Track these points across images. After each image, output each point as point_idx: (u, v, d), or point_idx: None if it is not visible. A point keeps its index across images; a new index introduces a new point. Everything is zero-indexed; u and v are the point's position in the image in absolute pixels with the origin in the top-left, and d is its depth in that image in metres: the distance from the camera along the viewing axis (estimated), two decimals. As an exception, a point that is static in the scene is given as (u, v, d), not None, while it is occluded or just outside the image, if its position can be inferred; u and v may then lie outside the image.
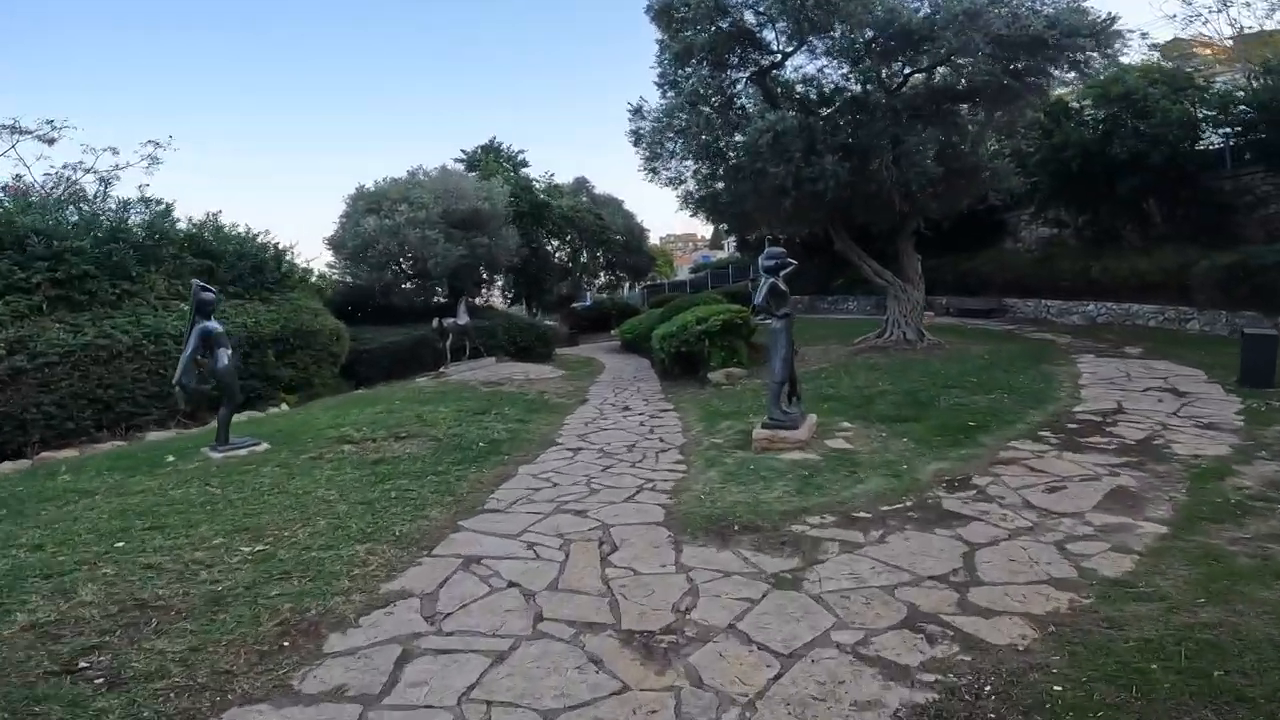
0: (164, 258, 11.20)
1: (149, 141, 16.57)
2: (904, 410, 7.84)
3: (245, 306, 12.31)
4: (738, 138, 12.33)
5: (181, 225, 12.37)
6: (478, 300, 23.11)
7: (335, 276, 18.36)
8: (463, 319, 16.55)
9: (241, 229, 13.36)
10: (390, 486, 6.06)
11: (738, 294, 25.98)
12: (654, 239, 39.97)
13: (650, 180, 13.36)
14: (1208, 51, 20.77)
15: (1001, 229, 21.50)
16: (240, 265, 12.57)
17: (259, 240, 13.48)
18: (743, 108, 13.01)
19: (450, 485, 6.13)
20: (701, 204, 13.62)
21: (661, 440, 7.88)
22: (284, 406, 12.26)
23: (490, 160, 24.69)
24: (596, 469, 6.62)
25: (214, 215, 13.07)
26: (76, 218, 10.58)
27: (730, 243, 38.27)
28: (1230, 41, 19.52)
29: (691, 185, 13.37)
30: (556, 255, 27.83)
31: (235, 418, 7.87)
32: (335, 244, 18.10)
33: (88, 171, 15.39)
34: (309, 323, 13.07)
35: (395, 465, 6.78)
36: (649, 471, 6.42)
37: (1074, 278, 17.31)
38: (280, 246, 13.89)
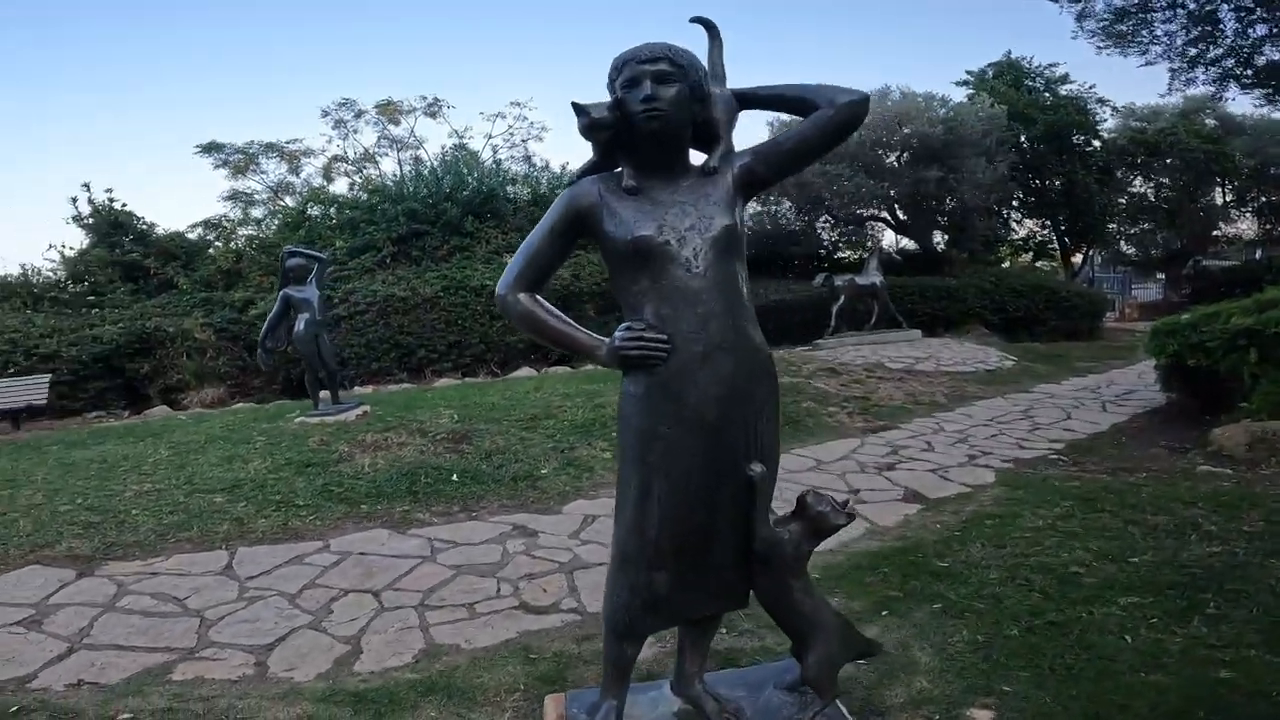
0: (503, 213, 11.54)
1: (513, 103, 17.71)
2: None
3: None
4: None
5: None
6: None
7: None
8: (870, 277, 12.52)
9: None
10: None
11: None
12: None
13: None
14: None
15: None
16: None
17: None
18: None
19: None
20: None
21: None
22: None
23: (997, 81, 17.83)
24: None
25: (563, 167, 12.90)
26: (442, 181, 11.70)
27: None
28: None
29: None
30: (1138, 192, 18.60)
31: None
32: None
33: (490, 138, 17.27)
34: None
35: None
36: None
37: None
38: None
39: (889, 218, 15.86)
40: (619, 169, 1.83)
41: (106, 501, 4.72)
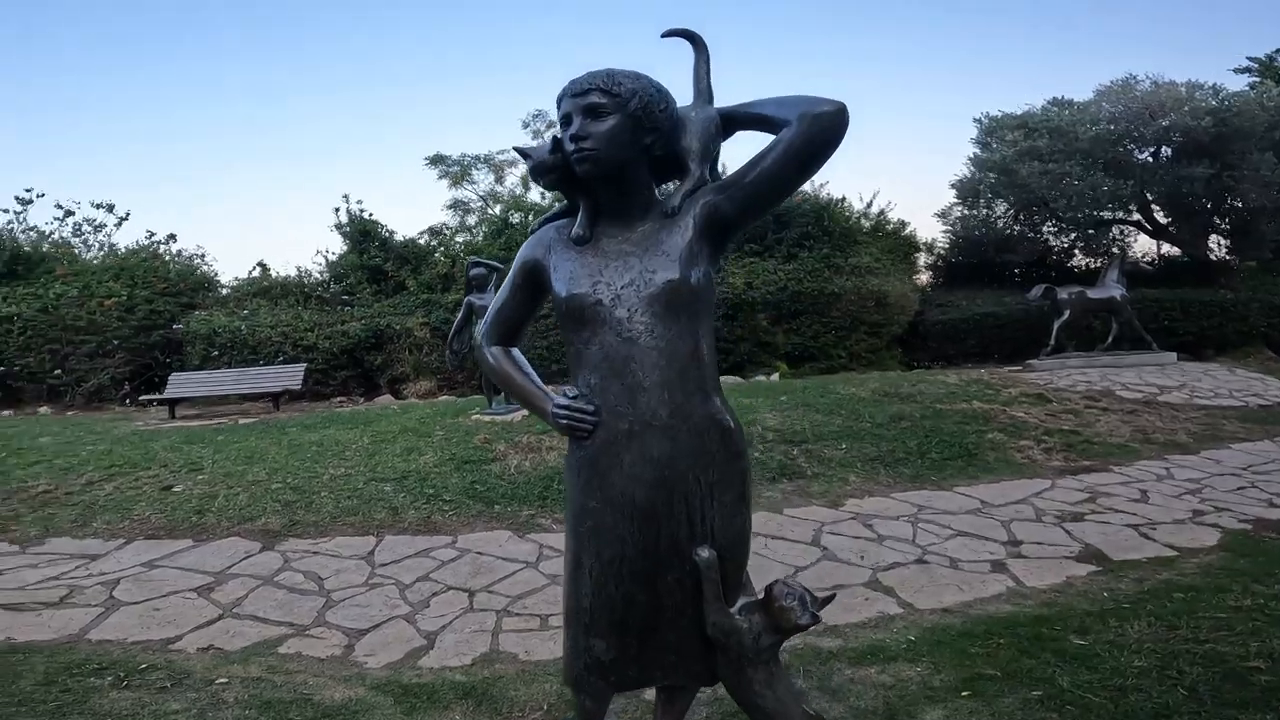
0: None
1: None
2: None
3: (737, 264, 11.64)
4: None
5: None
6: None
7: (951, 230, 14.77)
8: (1107, 289, 10.86)
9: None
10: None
11: None
12: None
13: None
14: None
15: None
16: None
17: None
18: None
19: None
20: None
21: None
22: (775, 377, 11.16)
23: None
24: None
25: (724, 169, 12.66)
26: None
27: None
28: None
29: None
30: None
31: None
32: (957, 188, 14.42)
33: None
34: (823, 285, 11.28)
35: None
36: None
37: None
38: (831, 198, 12.29)
39: (1143, 221, 13.53)
40: None
41: (308, 482, 5.61)
